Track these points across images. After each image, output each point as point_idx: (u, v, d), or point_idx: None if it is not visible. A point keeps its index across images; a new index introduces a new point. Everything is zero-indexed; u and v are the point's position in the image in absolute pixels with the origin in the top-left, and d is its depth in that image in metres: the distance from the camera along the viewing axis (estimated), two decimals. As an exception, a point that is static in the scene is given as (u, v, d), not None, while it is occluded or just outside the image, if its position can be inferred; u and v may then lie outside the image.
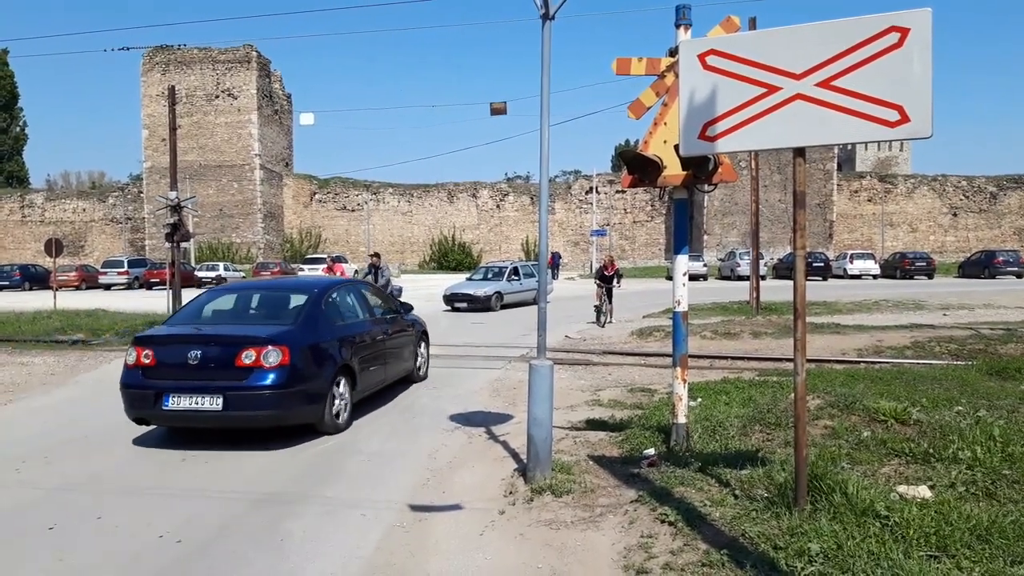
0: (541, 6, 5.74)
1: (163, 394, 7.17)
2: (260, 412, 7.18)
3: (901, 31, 4.08)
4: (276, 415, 7.26)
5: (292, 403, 7.28)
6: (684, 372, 6.18)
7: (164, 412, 7.22)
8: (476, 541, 4.89)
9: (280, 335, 7.44)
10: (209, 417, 7.13)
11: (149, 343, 7.63)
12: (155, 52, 55.01)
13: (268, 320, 8.39)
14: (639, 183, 6.21)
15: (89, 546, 4.93)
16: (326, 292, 8.67)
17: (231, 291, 9.56)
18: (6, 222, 61.44)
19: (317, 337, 7.87)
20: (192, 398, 7.10)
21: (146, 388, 7.34)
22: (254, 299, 9.17)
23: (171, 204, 20.70)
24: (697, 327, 15.02)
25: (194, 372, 7.18)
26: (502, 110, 25.01)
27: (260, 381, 7.09)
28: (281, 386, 7.13)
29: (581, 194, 59.59)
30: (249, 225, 55.94)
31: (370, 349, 8.91)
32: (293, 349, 7.30)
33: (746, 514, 4.57)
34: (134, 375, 7.49)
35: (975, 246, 53.59)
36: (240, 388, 7.08)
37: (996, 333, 13.76)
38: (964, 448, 5.44)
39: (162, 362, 7.40)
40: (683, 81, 4.81)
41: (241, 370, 7.11)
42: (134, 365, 7.51)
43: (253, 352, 7.14)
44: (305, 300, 8.36)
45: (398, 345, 9.92)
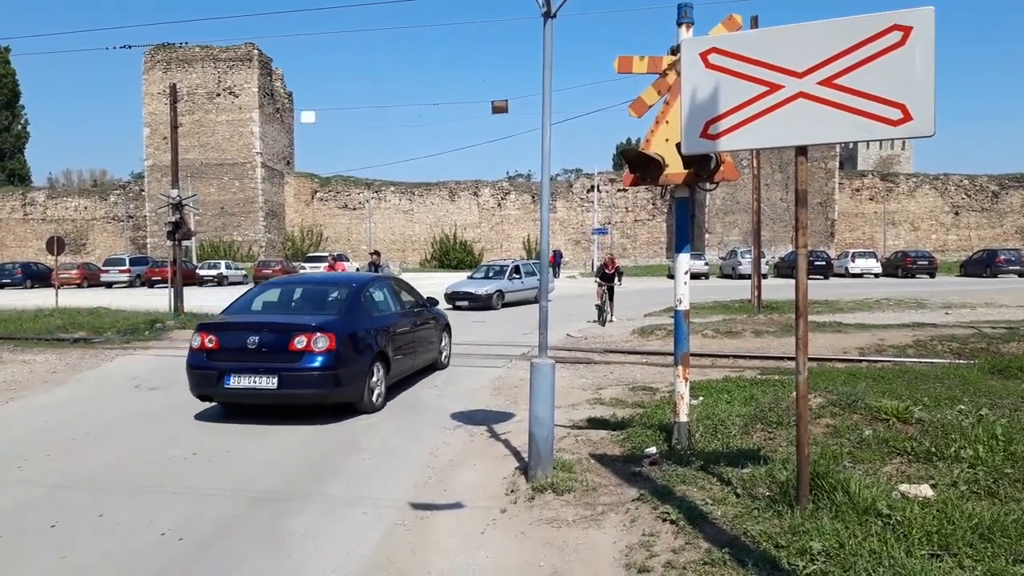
0: (543, 4, 5.73)
1: (225, 374, 8.14)
2: (310, 391, 8.14)
3: (904, 30, 4.07)
4: (323, 394, 8.20)
5: (337, 384, 8.19)
6: (686, 371, 6.18)
7: (226, 390, 8.19)
8: (477, 539, 4.90)
9: (327, 323, 8.38)
10: (265, 395, 8.10)
11: (212, 329, 8.57)
12: (157, 50, 55.01)
13: (315, 311, 9.23)
14: (641, 181, 6.21)
15: (90, 544, 4.93)
16: (364, 287, 9.71)
17: (278, 285, 10.77)
18: (8, 220, 61.50)
19: (358, 326, 8.79)
20: (251, 378, 8.05)
21: (210, 369, 8.28)
22: (300, 292, 10.15)
23: (173, 202, 20.72)
24: (699, 326, 15.02)
25: (252, 355, 8.12)
26: (503, 108, 25.00)
27: (310, 363, 8.02)
28: (328, 368, 8.06)
29: (583, 192, 59.57)
30: (251, 223, 55.97)
31: (401, 338, 9.86)
32: (339, 336, 8.22)
33: (748, 513, 4.57)
34: (199, 357, 8.41)
35: (977, 245, 53.55)
36: (293, 369, 8.03)
37: (998, 332, 13.74)
38: (966, 447, 5.44)
39: (224, 346, 8.33)
40: (685, 79, 4.80)
41: (294, 354, 8.05)
42: (199, 348, 8.42)
43: (304, 338, 8.07)
44: (346, 293, 9.38)
45: (425, 335, 10.92)
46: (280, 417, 8.41)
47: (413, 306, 10.86)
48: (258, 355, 8.12)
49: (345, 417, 8.42)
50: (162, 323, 17.92)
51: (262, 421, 8.35)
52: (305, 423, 8.21)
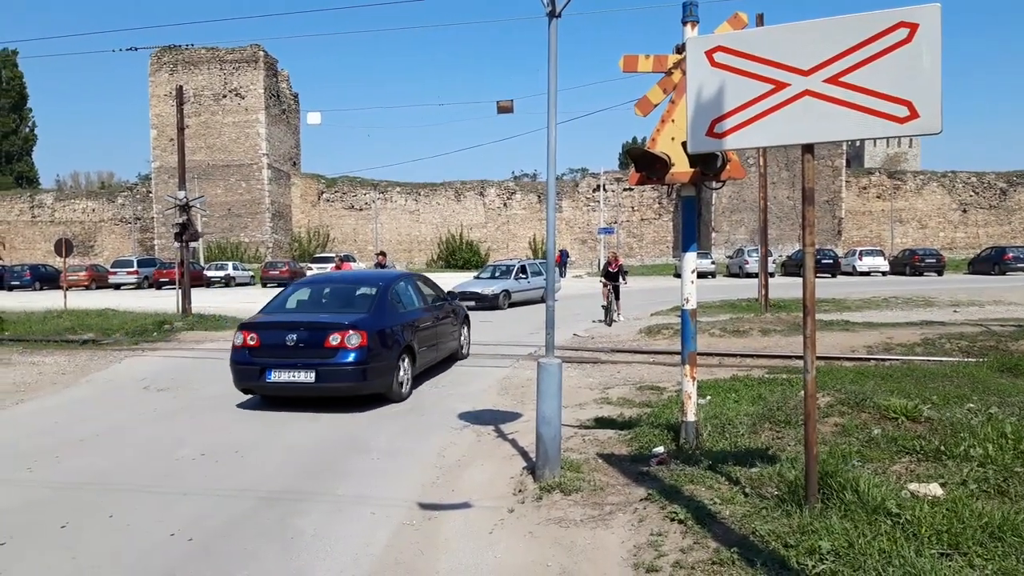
0: (548, 4, 5.73)
1: (266, 369, 8.81)
2: (344, 384, 8.81)
3: (910, 26, 4.06)
4: (356, 386, 8.86)
5: (369, 376, 8.85)
6: (693, 370, 6.17)
7: (267, 384, 8.85)
8: (486, 539, 4.90)
9: (359, 321, 9.03)
10: (304, 388, 8.76)
11: (253, 328, 9.24)
12: (163, 52, 55.17)
13: (346, 309, 9.86)
14: (647, 180, 6.20)
15: (100, 544, 4.95)
16: (391, 285, 10.37)
17: (309, 284, 11.48)
18: (16, 222, 61.78)
19: (386, 323, 9.46)
20: (290, 372, 8.74)
21: (252, 364, 8.93)
22: (331, 291, 10.85)
23: (180, 204, 20.78)
24: (706, 325, 14.99)
25: (291, 351, 8.80)
26: (509, 108, 24.98)
27: (344, 359, 8.71)
28: (361, 362, 8.73)
29: (588, 192, 59.51)
30: (257, 224, 56.09)
31: (425, 332, 10.57)
32: (370, 333, 8.89)
33: (756, 512, 4.56)
34: (242, 354, 9.05)
35: (985, 242, 53.30)
36: (329, 364, 8.70)
37: (1007, 330, 13.68)
38: (976, 445, 5.41)
39: (265, 343, 8.98)
40: (690, 78, 4.80)
41: (329, 350, 8.73)
42: (241, 346, 9.06)
43: (339, 335, 8.77)
44: (375, 291, 10.07)
45: (446, 328, 11.68)
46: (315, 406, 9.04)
47: (435, 300, 11.63)
48: (296, 351, 8.79)
49: (374, 407, 9.06)
50: (170, 324, 17.98)
51: (272, 423, 8.38)
52: (318, 421, 8.29)
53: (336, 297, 10.54)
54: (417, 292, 11.12)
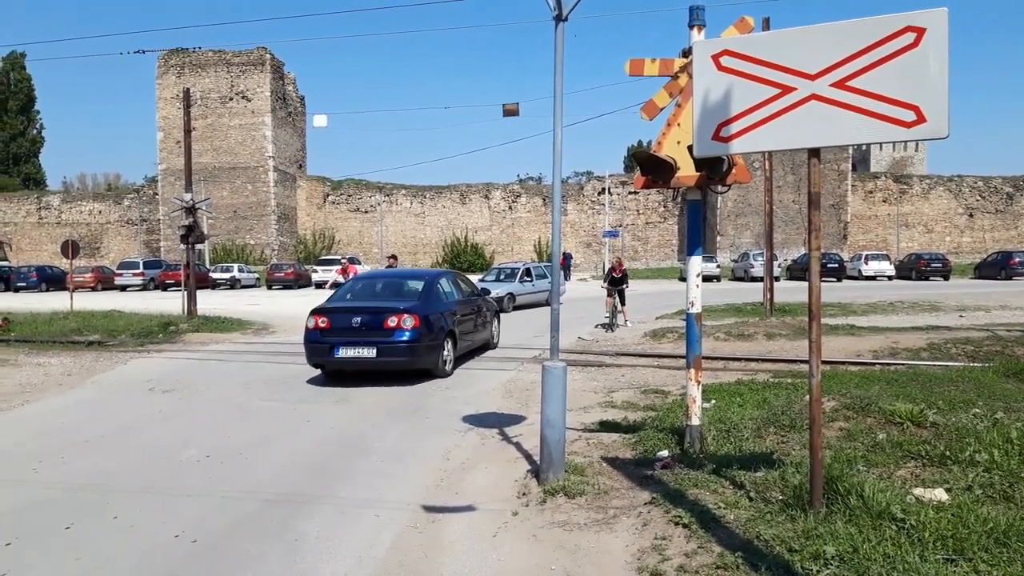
0: (554, 7, 5.74)
1: (335, 347, 10.47)
2: (399, 359, 10.50)
3: (917, 31, 4.05)
4: (409, 361, 10.55)
5: (420, 353, 10.54)
6: (698, 374, 6.16)
7: (336, 359, 10.52)
8: (490, 542, 4.90)
9: (412, 307, 10.71)
10: (366, 362, 10.45)
11: (324, 313, 10.88)
12: (170, 55, 55.33)
13: (400, 298, 11.49)
14: (652, 184, 6.20)
15: (105, 545, 4.96)
16: (435, 279, 12.23)
17: (366, 279, 13.59)
18: (23, 224, 62.00)
19: (433, 310, 11.11)
20: (355, 349, 10.40)
21: (323, 343, 10.60)
22: (385, 284, 12.60)
23: (186, 206, 20.85)
24: (711, 328, 14.96)
25: (356, 332, 10.46)
26: (515, 111, 25.02)
27: (400, 337, 10.38)
28: (414, 341, 10.40)
29: (594, 195, 59.48)
30: (263, 227, 56.19)
31: (464, 320, 12.15)
32: (421, 316, 10.56)
33: (761, 516, 4.55)
34: (314, 335, 10.71)
35: (991, 247, 53.10)
36: (387, 342, 10.36)
37: (1013, 335, 13.62)
38: (981, 451, 5.39)
39: (334, 326, 10.60)
40: (697, 82, 4.80)
41: (387, 330, 10.39)
42: (314, 328, 10.73)
43: (396, 318, 10.43)
44: (423, 284, 11.88)
45: (481, 319, 13.28)
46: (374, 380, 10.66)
47: (471, 295, 13.30)
48: (360, 332, 10.43)
49: (423, 381, 10.68)
50: (176, 326, 18.04)
51: (276, 426, 8.40)
52: (322, 423, 8.28)
53: (389, 289, 12.22)
54: (456, 287, 12.79)
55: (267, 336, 17.57)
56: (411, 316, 10.45)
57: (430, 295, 11.51)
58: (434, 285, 11.89)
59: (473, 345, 12.75)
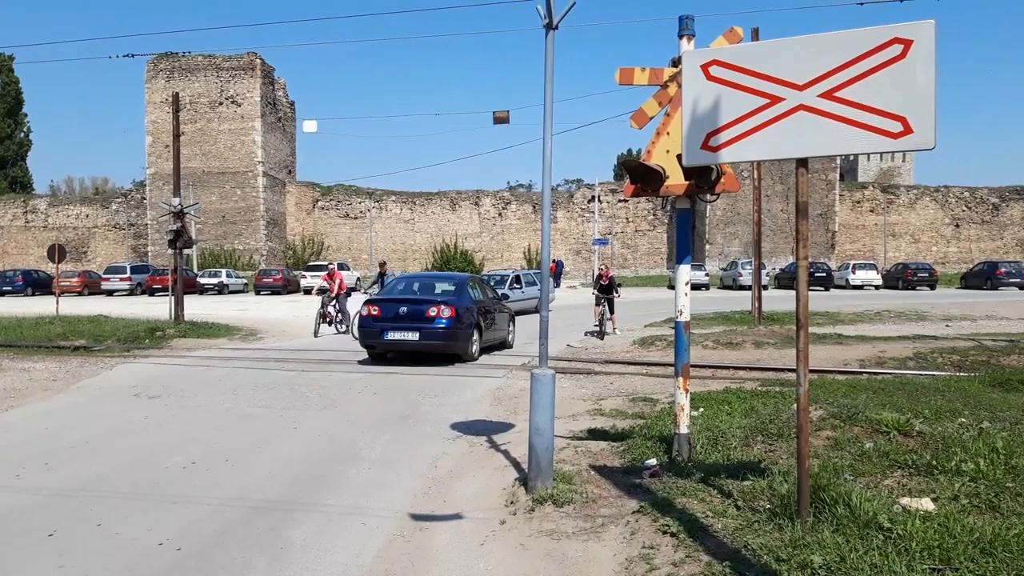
0: (544, 16, 5.76)
1: (384, 330, 12.82)
2: (438, 342, 12.74)
3: (904, 43, 4.08)
4: (445, 344, 12.79)
5: (454, 339, 12.84)
6: (686, 382, 6.17)
7: (385, 341, 12.88)
8: (477, 551, 4.88)
9: (449, 300, 13.14)
10: (410, 344, 12.74)
11: (375, 303, 13.41)
12: (159, 59, 55.15)
13: (438, 294, 13.96)
14: (642, 192, 6.21)
15: (89, 552, 4.91)
16: (466, 281, 14.67)
17: (407, 279, 15.99)
18: (9, 228, 61.54)
19: (464, 304, 13.28)
20: (401, 333, 12.73)
21: (375, 327, 12.94)
22: (423, 283, 15.16)
23: (174, 210, 20.75)
24: (699, 337, 15.00)
25: (402, 319, 12.75)
26: (505, 119, 25.04)
27: (439, 325, 12.66)
28: (450, 328, 12.69)
29: (583, 203, 59.63)
30: (252, 232, 55.99)
31: (487, 317, 14.30)
32: (456, 308, 12.85)
33: (748, 525, 4.55)
34: (368, 320, 13.08)
35: (977, 257, 53.55)
36: (428, 328, 12.65)
37: (999, 344, 13.72)
38: (967, 460, 5.41)
39: (384, 314, 12.93)
40: (686, 91, 4.81)
41: (428, 319, 12.67)
42: (367, 315, 13.14)
43: (435, 309, 12.76)
44: (456, 283, 14.45)
45: (500, 319, 15.28)
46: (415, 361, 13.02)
47: (492, 299, 15.56)
48: (405, 319, 12.71)
49: (455, 363, 12.91)
50: (162, 331, 17.92)
51: (263, 433, 8.35)
52: (310, 430, 8.25)
53: (427, 287, 14.76)
54: (481, 290, 14.98)
55: (255, 342, 17.48)
56: (448, 307, 12.72)
57: (461, 293, 13.71)
58: (464, 286, 14.15)
59: (493, 341, 14.67)
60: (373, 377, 11.83)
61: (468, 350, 13.09)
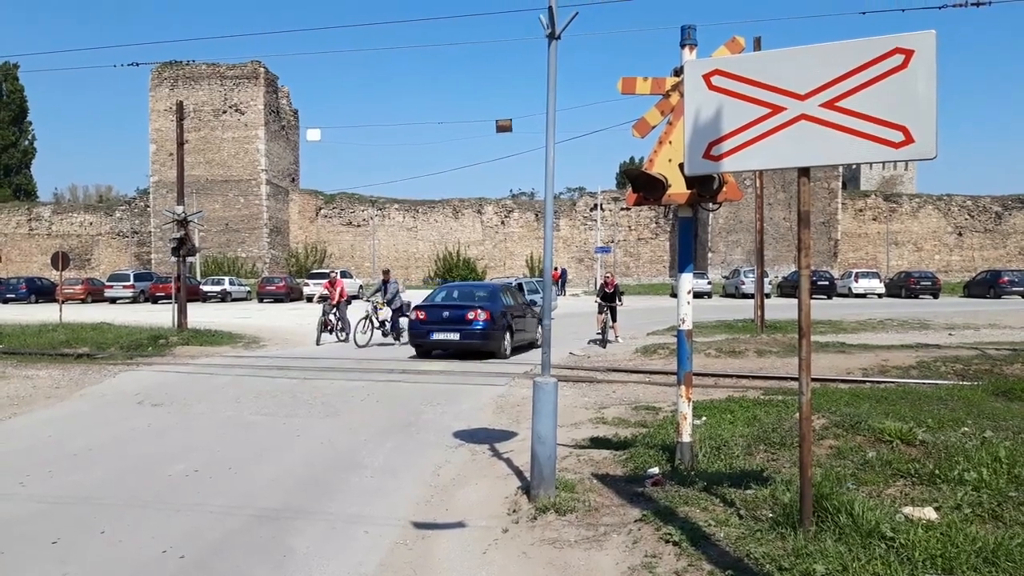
0: (547, 26, 5.79)
1: (430, 331, 15.08)
2: (475, 341, 14.82)
3: (906, 53, 4.10)
4: (481, 343, 14.85)
5: (488, 339, 14.89)
6: (689, 390, 6.17)
7: (431, 340, 15.10)
8: (479, 559, 4.88)
9: (484, 305, 15.20)
10: (452, 343, 14.94)
11: (422, 309, 15.70)
12: (163, 68, 55.35)
13: (475, 300, 15.83)
14: (644, 201, 6.23)
15: (92, 560, 4.92)
16: (498, 289, 16.72)
17: (447, 288, 18.38)
18: (13, 235, 61.65)
19: (498, 309, 15.20)
20: (445, 334, 14.95)
21: (422, 329, 15.20)
22: (461, 291, 17.25)
23: (177, 218, 20.80)
24: (702, 345, 14.99)
25: (445, 322, 14.99)
26: (508, 127, 25.05)
27: (476, 326, 14.80)
28: (485, 329, 14.80)
29: (586, 211, 59.66)
30: (255, 240, 56.06)
31: (518, 320, 16.05)
32: (491, 312, 14.93)
33: (751, 534, 4.55)
34: (416, 323, 15.40)
35: (980, 265, 53.45)
36: (467, 329, 14.81)
37: (1002, 353, 13.70)
38: (970, 469, 5.41)
39: (430, 318, 15.21)
40: (688, 101, 4.84)
41: (467, 321, 14.83)
42: (416, 319, 15.45)
43: (473, 313, 14.86)
44: (490, 291, 16.74)
45: (530, 323, 17.02)
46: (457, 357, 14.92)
47: (522, 304, 17.31)
48: (448, 322, 14.94)
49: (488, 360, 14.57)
50: (165, 339, 17.95)
51: (266, 440, 8.36)
52: (312, 438, 8.24)
53: (467, 294, 16.71)
54: (512, 296, 16.90)
55: (257, 350, 17.50)
56: (484, 312, 14.83)
57: (495, 299, 15.72)
58: (497, 293, 16.25)
59: (523, 341, 16.43)
60: (375, 385, 11.84)
61: (501, 348, 14.92)
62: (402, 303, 18.36)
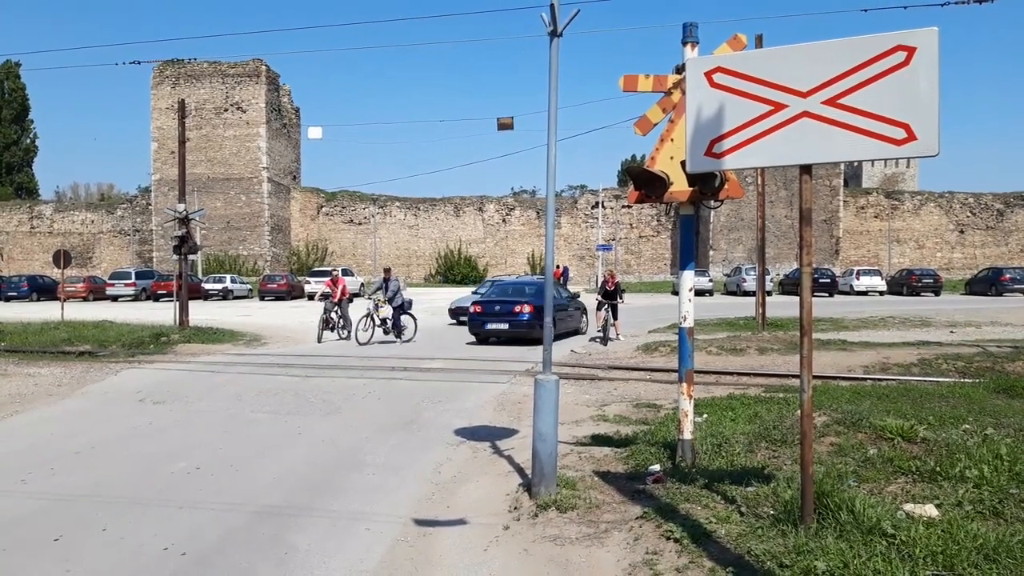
0: (549, 23, 5.79)
1: (485, 322, 17.79)
2: (522, 330, 17.35)
3: (908, 50, 4.09)
4: (528, 332, 17.24)
5: (533, 328, 17.06)
6: (690, 388, 6.17)
7: (486, 330, 17.77)
8: (480, 556, 4.88)
9: (530, 300, 17.72)
10: (502, 331, 17.53)
11: (479, 304, 18.41)
12: (165, 66, 55.36)
13: (522, 295, 18.43)
14: (646, 198, 6.23)
15: (94, 557, 4.93)
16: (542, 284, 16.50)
17: (501, 285, 21.76)
18: (15, 233, 61.72)
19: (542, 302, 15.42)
20: (496, 324, 17.63)
21: (478, 320, 17.90)
22: (516, 287, 20.05)
23: (179, 216, 20.82)
24: (703, 343, 14.99)
25: (497, 314, 17.70)
26: (509, 125, 25.03)
27: (523, 318, 17.38)
28: (530, 321, 17.20)
29: (587, 209, 59.64)
30: (256, 238, 56.09)
31: (559, 312, 17.66)
32: (535, 305, 17.00)
33: (752, 531, 4.55)
34: (474, 315, 18.05)
35: (982, 263, 53.37)
36: (515, 320, 17.47)
37: (1003, 351, 13.69)
38: (971, 466, 5.41)
39: (484, 311, 17.92)
40: (690, 98, 4.83)
41: (515, 313, 17.51)
42: (473, 312, 18.14)
43: (519, 307, 17.56)
44: (536, 287, 18.72)
45: (575, 314, 19.94)
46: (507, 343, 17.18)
47: (566, 298, 19.94)
48: (499, 314, 17.64)
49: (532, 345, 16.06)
50: (167, 337, 17.97)
51: (267, 438, 8.37)
52: (316, 436, 8.23)
53: (517, 290, 19.30)
54: (555, 291, 16.85)
55: (259, 348, 17.52)
56: (528, 305, 17.35)
57: (539, 294, 17.10)
58: (542, 288, 16.45)
59: (567, 330, 18.68)
60: (376, 383, 11.85)
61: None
62: (403, 301, 18.36)
